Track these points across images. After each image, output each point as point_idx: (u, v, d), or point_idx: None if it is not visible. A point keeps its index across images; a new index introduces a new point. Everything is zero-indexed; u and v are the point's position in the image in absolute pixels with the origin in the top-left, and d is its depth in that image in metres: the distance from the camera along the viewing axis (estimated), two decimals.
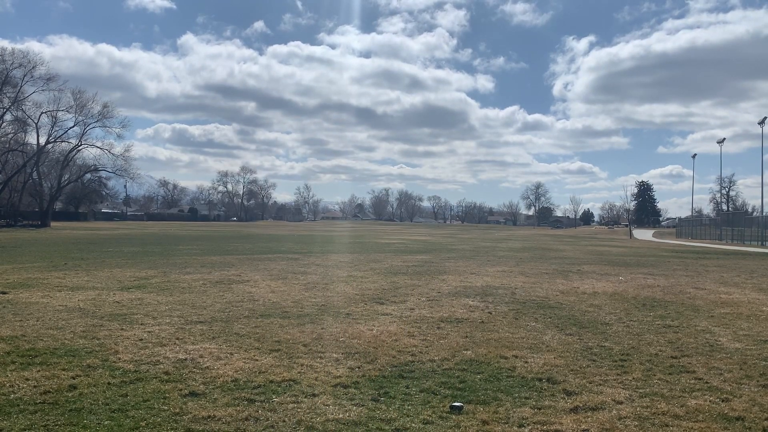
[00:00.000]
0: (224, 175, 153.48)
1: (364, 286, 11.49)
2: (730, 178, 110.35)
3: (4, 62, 55.71)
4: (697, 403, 4.53)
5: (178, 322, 7.37)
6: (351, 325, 7.39)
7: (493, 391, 4.77)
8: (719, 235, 53.80)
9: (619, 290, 11.58)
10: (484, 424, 4.04)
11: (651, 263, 20.10)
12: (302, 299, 9.51)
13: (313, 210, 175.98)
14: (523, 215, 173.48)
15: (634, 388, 4.91)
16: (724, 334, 7.28)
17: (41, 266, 14.44)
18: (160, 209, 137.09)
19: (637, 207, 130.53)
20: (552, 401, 4.54)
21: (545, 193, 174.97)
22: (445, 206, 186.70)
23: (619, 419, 4.17)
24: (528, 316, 8.39)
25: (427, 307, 9.01)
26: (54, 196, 70.13)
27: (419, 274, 14.24)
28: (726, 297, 10.91)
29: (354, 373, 5.17)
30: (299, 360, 5.59)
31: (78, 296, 9.38)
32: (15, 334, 6.45)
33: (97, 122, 64.91)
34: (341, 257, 19.84)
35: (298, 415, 4.13)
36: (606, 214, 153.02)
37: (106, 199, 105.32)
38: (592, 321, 8.04)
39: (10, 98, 57.47)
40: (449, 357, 5.83)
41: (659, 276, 14.94)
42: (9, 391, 4.48)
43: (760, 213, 54.92)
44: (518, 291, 11.15)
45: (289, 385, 4.79)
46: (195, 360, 5.48)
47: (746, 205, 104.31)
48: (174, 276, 12.55)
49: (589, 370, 5.48)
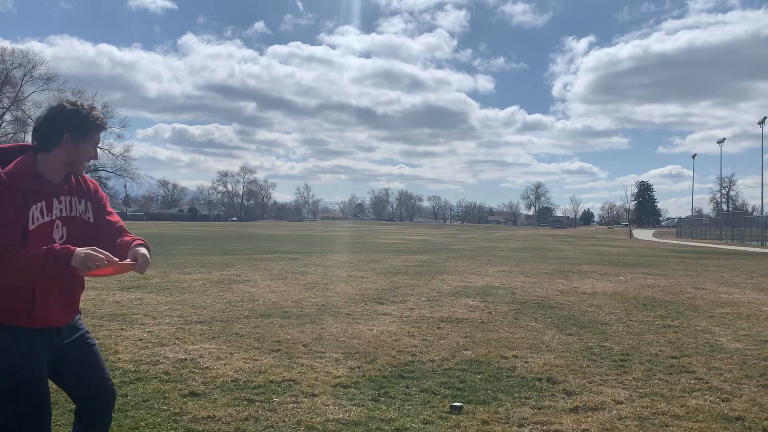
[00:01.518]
0: (224, 175, 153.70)
1: (364, 286, 11.49)
2: (730, 178, 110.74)
3: (4, 62, 55.84)
4: (697, 403, 4.53)
5: (178, 322, 7.36)
6: (351, 325, 7.39)
7: (493, 391, 4.77)
8: (719, 235, 53.81)
9: (619, 290, 11.58)
10: (484, 424, 4.04)
11: (651, 263, 20.10)
12: (302, 299, 9.51)
13: (313, 210, 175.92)
14: (523, 215, 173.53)
15: (634, 388, 4.91)
16: (724, 334, 7.28)
17: None
18: (160, 209, 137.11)
19: (637, 207, 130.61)
20: (552, 401, 4.54)
21: (545, 193, 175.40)
22: (445, 206, 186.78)
23: (619, 419, 4.17)
24: (528, 316, 8.39)
25: (427, 307, 9.01)
26: None
27: (419, 274, 14.24)
28: (726, 297, 10.91)
29: (354, 373, 5.17)
30: (299, 360, 5.59)
31: None
32: None
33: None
34: (341, 257, 19.84)
35: (298, 415, 4.13)
36: (606, 214, 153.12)
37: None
38: (592, 321, 8.04)
39: (10, 98, 57.60)
40: (449, 357, 5.83)
41: (659, 276, 14.94)
42: None
43: (760, 213, 54.90)
44: (518, 291, 11.15)
45: (289, 385, 4.79)
46: (195, 360, 5.48)
47: (746, 205, 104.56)
48: (174, 276, 12.55)
49: (589, 370, 5.48)
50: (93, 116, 2.43)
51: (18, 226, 2.24)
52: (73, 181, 2.50)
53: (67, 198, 2.44)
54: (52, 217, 2.36)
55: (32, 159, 2.37)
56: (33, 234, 2.28)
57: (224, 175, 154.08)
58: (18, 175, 2.28)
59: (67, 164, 2.43)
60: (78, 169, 2.49)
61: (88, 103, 2.49)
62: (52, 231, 2.36)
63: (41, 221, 2.32)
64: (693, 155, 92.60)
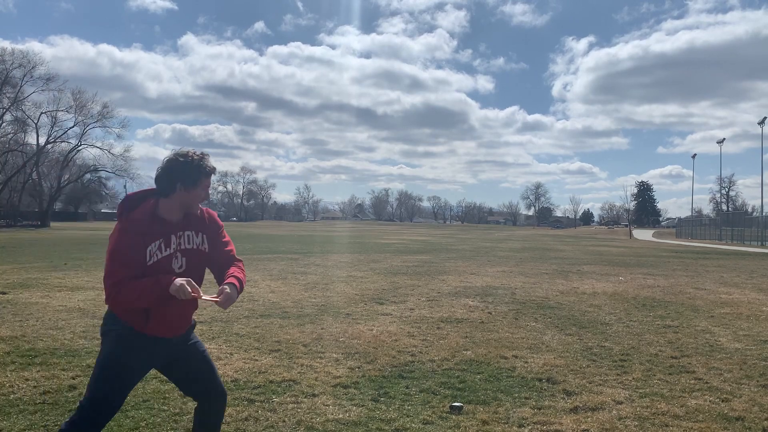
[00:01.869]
0: (224, 175, 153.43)
1: (364, 286, 11.49)
2: (729, 178, 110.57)
3: (4, 62, 55.73)
4: (697, 403, 4.53)
5: None
6: (351, 325, 7.39)
7: (493, 391, 4.77)
8: (719, 235, 53.80)
9: (619, 290, 11.58)
10: (484, 424, 4.04)
11: (651, 263, 20.10)
12: (302, 299, 9.51)
13: (313, 210, 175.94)
14: (523, 215, 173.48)
15: (634, 388, 4.91)
16: (724, 334, 7.28)
17: (41, 266, 14.44)
18: None
19: (637, 207, 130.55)
20: (552, 401, 4.54)
21: (545, 194, 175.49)
22: (445, 206, 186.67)
23: (619, 419, 4.17)
24: (528, 316, 8.39)
25: (427, 307, 9.01)
26: (54, 197, 70.16)
27: (419, 274, 14.24)
28: (726, 297, 10.91)
29: (354, 373, 5.17)
30: (299, 360, 5.59)
31: (78, 296, 9.38)
32: (15, 335, 6.44)
33: (96, 122, 65.01)
34: (341, 257, 19.84)
35: (298, 415, 4.13)
36: (606, 214, 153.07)
37: (105, 199, 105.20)
38: (592, 321, 8.04)
39: (9, 98, 57.52)
40: (449, 357, 5.83)
41: (659, 276, 14.95)
42: (9, 392, 4.48)
43: (760, 213, 54.91)
44: (518, 291, 11.15)
45: (289, 385, 4.79)
46: None
47: (746, 205, 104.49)
48: None
49: (589, 370, 5.48)
50: (202, 165, 2.82)
51: (135, 263, 2.70)
52: (191, 215, 2.91)
53: (186, 233, 2.88)
54: (170, 251, 2.81)
55: (153, 204, 2.81)
56: (151, 268, 2.73)
57: (224, 175, 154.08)
58: (137, 222, 2.74)
59: (182, 206, 2.85)
60: (193, 210, 2.90)
61: (198, 152, 2.85)
62: (171, 262, 2.81)
63: (159, 256, 2.77)
64: (693, 155, 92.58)
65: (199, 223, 2.95)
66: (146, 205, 2.81)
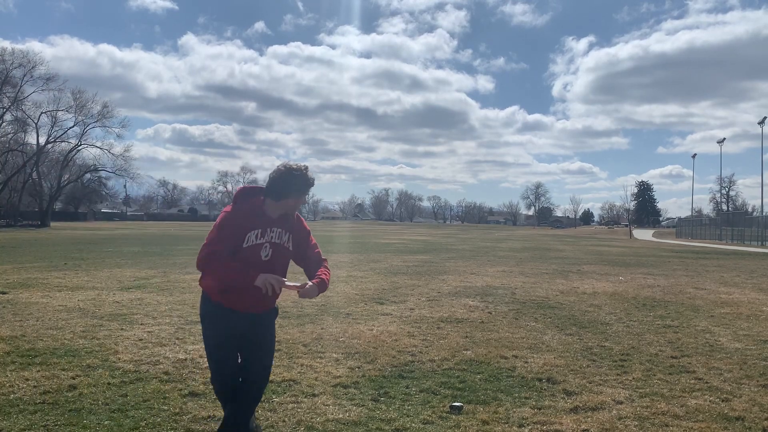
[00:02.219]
0: (224, 176, 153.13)
1: (364, 286, 11.49)
2: (730, 178, 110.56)
3: (4, 62, 55.68)
4: (697, 403, 4.53)
5: (178, 322, 7.36)
6: (351, 325, 7.39)
7: (493, 391, 4.77)
8: (719, 235, 53.78)
9: (619, 290, 11.58)
10: (484, 424, 4.04)
11: (651, 263, 20.10)
12: (302, 299, 9.49)
13: (312, 210, 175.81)
14: (523, 215, 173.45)
15: (634, 388, 4.91)
16: (724, 334, 7.28)
17: (41, 266, 14.44)
18: (160, 209, 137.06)
19: (637, 207, 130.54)
20: (552, 401, 4.54)
21: (545, 193, 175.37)
22: (445, 206, 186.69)
23: (619, 419, 4.17)
24: (528, 316, 8.38)
25: (427, 307, 9.01)
26: (54, 196, 70.11)
27: (419, 274, 14.24)
28: (726, 297, 10.91)
29: (354, 373, 5.17)
30: (299, 360, 5.59)
31: (78, 296, 9.37)
32: (15, 334, 6.44)
33: (96, 122, 64.93)
34: (341, 257, 19.84)
35: (298, 415, 4.13)
36: (606, 214, 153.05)
37: (105, 199, 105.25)
38: (592, 321, 8.04)
39: (9, 98, 57.46)
40: (449, 357, 5.83)
41: (659, 276, 14.95)
42: (9, 391, 4.48)
43: (760, 213, 54.88)
44: (518, 291, 11.15)
45: (289, 385, 4.79)
46: (195, 360, 5.48)
47: (746, 205, 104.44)
48: (174, 276, 12.55)
49: (589, 370, 5.48)
50: (311, 182, 3.36)
51: (233, 242, 3.25)
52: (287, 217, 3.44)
53: (278, 229, 3.40)
54: (263, 240, 3.34)
55: (261, 202, 3.38)
56: (245, 250, 3.28)
57: (224, 175, 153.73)
58: (244, 214, 3.31)
59: (285, 209, 3.39)
60: (291, 214, 3.46)
61: (304, 165, 3.36)
62: (260, 250, 3.33)
63: (254, 243, 3.30)
64: (693, 155, 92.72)
65: (290, 225, 3.47)
66: (256, 201, 3.38)
